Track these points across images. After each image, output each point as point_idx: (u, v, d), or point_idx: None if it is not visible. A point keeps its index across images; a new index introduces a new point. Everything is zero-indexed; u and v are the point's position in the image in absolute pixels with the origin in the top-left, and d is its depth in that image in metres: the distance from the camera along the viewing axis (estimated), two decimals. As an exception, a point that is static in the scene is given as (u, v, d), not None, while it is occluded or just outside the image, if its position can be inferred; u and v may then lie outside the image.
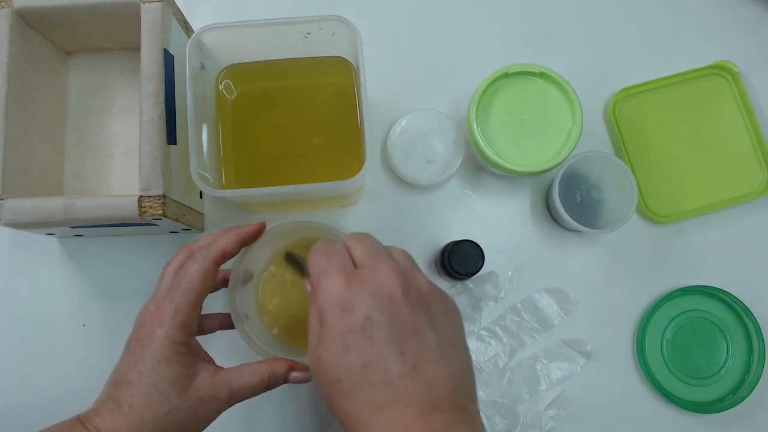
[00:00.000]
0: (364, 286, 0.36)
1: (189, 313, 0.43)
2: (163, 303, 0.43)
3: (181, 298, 0.43)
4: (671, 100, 0.64)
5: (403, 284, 0.36)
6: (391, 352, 0.34)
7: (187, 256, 0.45)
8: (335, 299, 0.36)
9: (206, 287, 0.44)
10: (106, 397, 0.42)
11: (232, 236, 0.46)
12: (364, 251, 0.39)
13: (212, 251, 0.45)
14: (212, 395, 0.43)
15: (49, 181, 0.58)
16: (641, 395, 0.60)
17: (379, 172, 0.63)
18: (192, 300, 0.43)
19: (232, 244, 0.46)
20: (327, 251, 0.39)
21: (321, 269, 0.38)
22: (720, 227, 0.63)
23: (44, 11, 0.53)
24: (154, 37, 0.51)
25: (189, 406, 0.42)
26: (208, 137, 0.54)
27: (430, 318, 0.36)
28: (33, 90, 0.55)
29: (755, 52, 0.66)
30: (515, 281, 0.61)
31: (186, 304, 0.43)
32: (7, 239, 0.61)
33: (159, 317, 0.42)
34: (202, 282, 0.43)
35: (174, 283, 0.44)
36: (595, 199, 0.61)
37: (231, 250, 0.46)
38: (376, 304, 0.35)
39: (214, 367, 0.44)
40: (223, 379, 0.43)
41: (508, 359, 0.59)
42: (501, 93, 0.58)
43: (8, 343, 0.60)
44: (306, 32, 0.53)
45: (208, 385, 0.43)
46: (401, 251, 0.40)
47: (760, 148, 0.63)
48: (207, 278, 0.44)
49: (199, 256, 0.44)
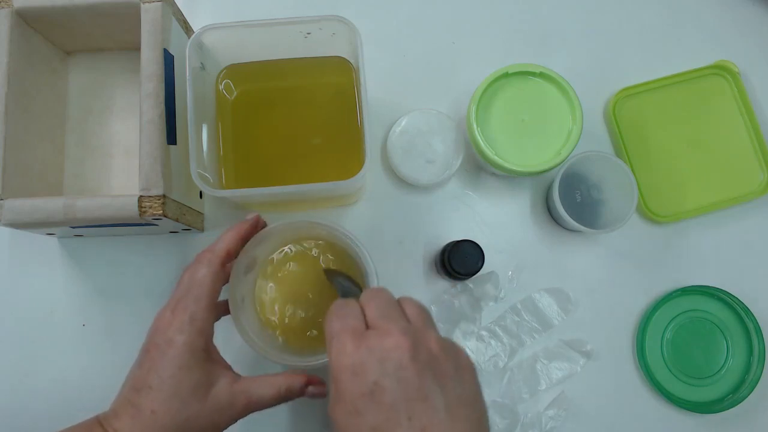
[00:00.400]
0: (374, 351, 0.36)
1: (205, 318, 0.44)
2: (178, 310, 0.44)
3: (195, 305, 0.44)
4: (671, 100, 0.64)
5: (412, 348, 0.36)
6: (399, 418, 0.35)
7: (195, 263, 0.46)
8: (346, 363, 0.36)
9: (217, 289, 0.45)
10: (126, 401, 0.43)
11: (234, 234, 0.47)
12: (376, 311, 0.39)
13: (216, 254, 0.46)
14: (230, 403, 0.43)
15: (49, 181, 0.58)
16: (641, 395, 0.60)
17: (379, 172, 0.63)
18: (206, 305, 0.44)
19: (234, 243, 0.47)
20: (341, 313, 0.39)
21: (334, 332, 0.38)
22: (720, 227, 0.63)
23: (44, 11, 0.53)
24: (154, 37, 0.51)
25: (207, 413, 0.43)
26: (208, 137, 0.54)
27: (440, 380, 0.36)
28: (33, 90, 0.55)
29: (755, 52, 0.66)
30: (515, 281, 0.61)
31: (200, 310, 0.44)
32: (7, 239, 0.61)
33: (177, 324, 0.43)
34: (212, 285, 0.45)
35: (187, 289, 0.44)
36: (595, 199, 0.61)
37: (234, 248, 0.47)
38: (384, 369, 0.35)
39: (233, 375, 0.45)
40: (241, 389, 0.44)
41: (508, 359, 0.59)
42: (501, 93, 0.58)
43: (8, 343, 0.60)
44: (306, 32, 0.53)
45: (226, 393, 0.43)
46: (415, 305, 0.40)
47: (760, 148, 0.63)
48: (216, 280, 0.45)
49: (205, 260, 0.45)
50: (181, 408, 0.42)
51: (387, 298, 0.40)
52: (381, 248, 0.61)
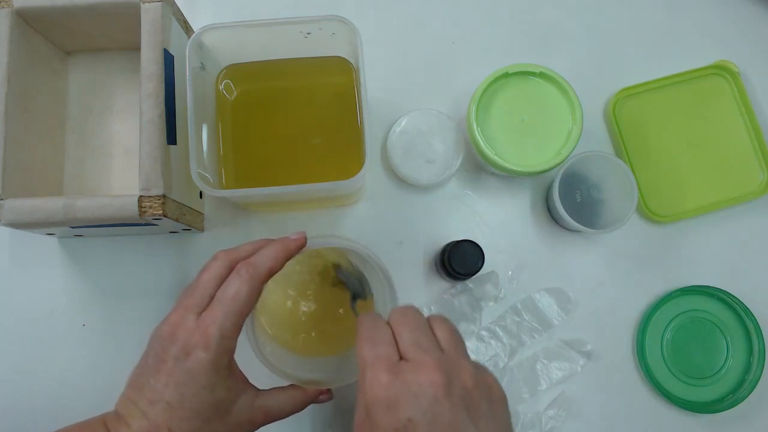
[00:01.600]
0: (409, 386, 0.35)
1: (233, 336, 0.41)
2: (205, 321, 0.40)
3: (228, 321, 0.40)
4: (671, 100, 0.64)
5: (447, 383, 0.36)
6: None
7: (228, 267, 0.43)
8: (380, 396, 0.36)
9: (249, 309, 0.42)
10: (138, 411, 0.41)
11: (279, 253, 0.43)
12: (409, 337, 0.38)
13: (261, 270, 0.42)
14: (249, 420, 0.43)
15: (49, 181, 0.58)
16: (641, 395, 0.60)
17: (379, 172, 0.63)
18: (237, 322, 0.41)
19: (279, 262, 0.43)
20: (373, 338, 0.38)
21: (368, 361, 0.37)
22: (720, 227, 0.63)
23: (44, 11, 0.53)
24: (154, 37, 0.51)
25: (226, 429, 0.42)
26: (208, 137, 0.54)
27: (474, 414, 0.36)
28: (33, 90, 0.55)
29: (755, 52, 0.66)
30: (515, 281, 0.61)
31: (232, 327, 0.41)
32: (7, 239, 0.61)
33: (202, 339, 0.40)
34: (248, 303, 0.41)
35: (217, 299, 0.41)
36: (595, 199, 0.61)
37: (278, 268, 0.43)
38: (419, 405, 0.35)
39: (253, 391, 0.44)
40: (261, 404, 0.44)
41: (508, 359, 0.59)
42: (501, 93, 0.58)
43: (8, 343, 0.60)
44: (306, 32, 0.53)
45: (247, 410, 0.43)
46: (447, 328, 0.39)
47: (760, 148, 0.63)
48: (253, 299, 0.42)
49: (247, 275, 0.41)
50: (201, 426, 0.40)
51: (418, 321, 0.39)
52: (381, 248, 0.61)
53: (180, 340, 0.40)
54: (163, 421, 0.40)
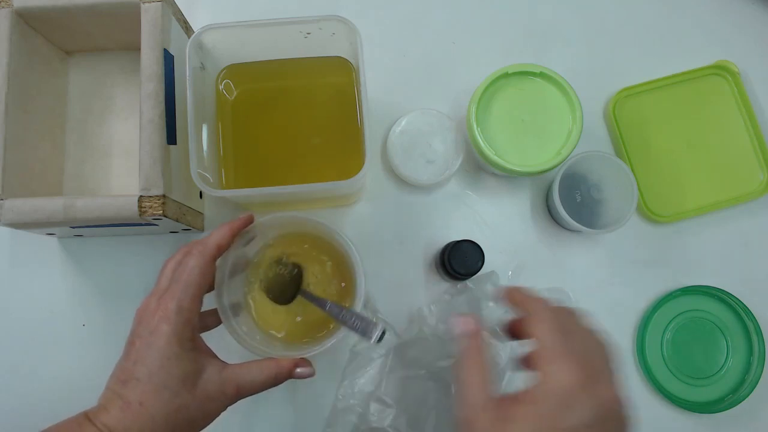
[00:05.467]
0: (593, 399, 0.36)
1: (192, 308, 0.44)
2: (165, 299, 0.43)
3: (183, 294, 0.43)
4: (671, 100, 0.64)
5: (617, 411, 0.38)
6: None
7: (185, 253, 0.46)
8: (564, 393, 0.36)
9: (206, 281, 0.45)
10: (113, 394, 0.42)
11: (226, 229, 0.48)
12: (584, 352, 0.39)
13: (208, 246, 0.46)
14: (220, 391, 0.43)
15: (49, 181, 0.58)
16: (641, 395, 0.60)
17: (379, 172, 0.63)
18: (194, 294, 0.44)
19: (225, 238, 0.47)
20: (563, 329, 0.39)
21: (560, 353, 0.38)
22: (720, 227, 0.63)
23: (44, 11, 0.53)
24: (154, 37, 0.51)
25: (198, 402, 0.42)
26: (208, 137, 0.54)
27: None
28: (33, 90, 0.55)
29: (755, 52, 0.66)
30: (515, 281, 0.61)
31: (188, 299, 0.43)
32: (7, 239, 0.61)
33: (163, 314, 0.43)
34: (202, 276, 0.44)
35: (173, 279, 0.44)
36: (595, 199, 0.61)
37: (225, 244, 0.47)
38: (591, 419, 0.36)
39: (221, 363, 0.45)
40: (230, 375, 0.44)
41: (508, 359, 0.59)
42: (501, 93, 0.58)
43: (8, 343, 0.60)
44: (306, 32, 0.53)
45: (215, 381, 0.43)
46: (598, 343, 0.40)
47: (760, 148, 0.63)
48: (206, 272, 0.45)
49: (196, 251, 0.45)
50: (171, 398, 0.41)
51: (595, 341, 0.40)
52: (381, 248, 0.61)
53: (144, 320, 0.43)
54: (135, 397, 0.41)
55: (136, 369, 0.42)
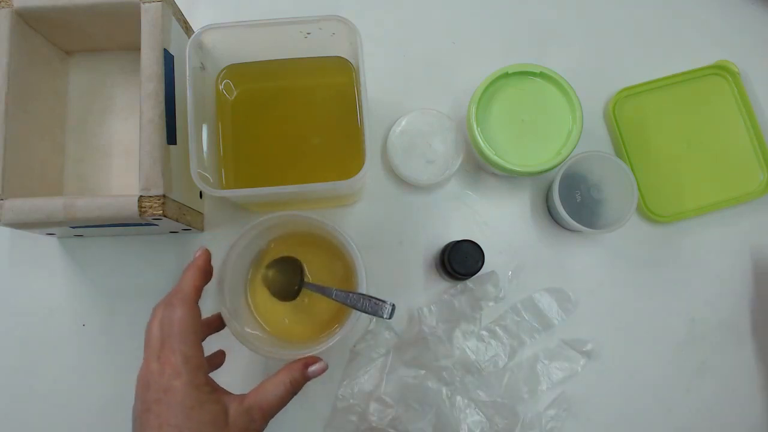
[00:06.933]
0: None
1: (197, 354, 0.43)
2: (165, 356, 0.42)
3: (183, 344, 0.42)
4: (671, 100, 0.64)
5: None
6: None
7: (165, 307, 0.44)
8: None
9: (198, 326, 0.44)
10: None
11: (194, 270, 0.47)
12: None
13: (186, 292, 0.45)
14: (249, 420, 0.43)
15: (49, 181, 0.58)
16: (641, 395, 0.60)
17: (379, 172, 0.63)
18: (193, 341, 0.43)
19: (196, 278, 0.46)
20: None
21: None
22: (720, 227, 0.63)
23: (44, 11, 0.53)
24: (154, 37, 0.51)
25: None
26: (208, 137, 0.54)
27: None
28: (33, 90, 0.55)
29: (755, 52, 0.66)
30: (515, 281, 0.61)
31: (190, 347, 0.42)
32: (7, 239, 0.61)
33: (171, 370, 0.41)
34: (193, 321, 0.43)
35: (165, 336, 0.43)
36: (595, 199, 0.61)
37: (201, 284, 0.46)
38: None
39: (239, 396, 0.44)
40: (251, 403, 0.44)
41: (508, 359, 0.59)
42: (501, 93, 0.58)
43: (8, 343, 0.60)
44: (306, 32, 0.53)
45: (242, 413, 0.43)
46: None
47: (760, 148, 0.63)
48: (195, 318, 0.44)
49: (177, 301, 0.44)
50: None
51: None
52: (381, 248, 0.61)
53: (153, 384, 0.41)
54: None
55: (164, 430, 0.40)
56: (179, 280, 0.46)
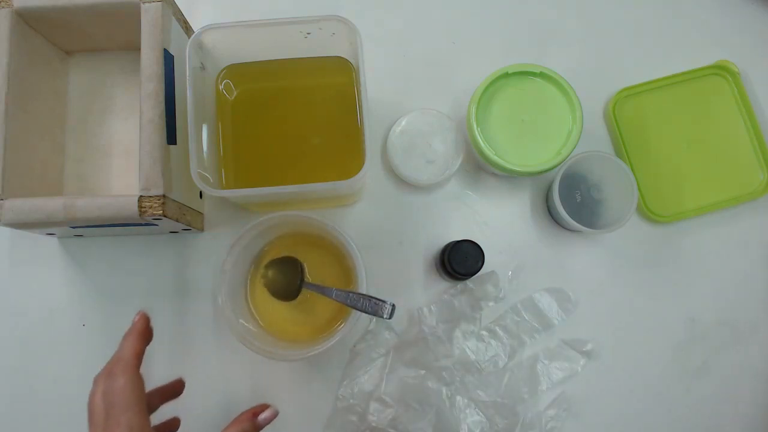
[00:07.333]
0: None
1: (143, 423, 0.42)
2: (111, 430, 0.41)
3: (127, 415, 0.41)
4: (671, 100, 0.64)
5: None
6: None
7: (107, 377, 0.44)
8: None
9: (142, 394, 0.43)
10: None
11: (134, 337, 0.46)
12: None
13: (127, 359, 0.44)
14: None
15: (49, 181, 0.58)
16: (641, 395, 0.60)
17: (379, 172, 0.63)
18: (138, 410, 0.42)
19: (137, 344, 0.46)
20: None
21: None
22: (720, 227, 0.63)
23: (44, 11, 0.53)
24: (154, 37, 0.51)
25: None
26: (208, 137, 0.54)
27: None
28: (33, 90, 0.55)
29: (755, 52, 0.66)
30: (515, 281, 0.61)
31: (135, 416, 0.41)
32: (7, 239, 0.61)
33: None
34: (136, 390, 0.43)
35: (108, 406, 0.42)
36: (595, 199, 0.61)
37: (141, 349, 0.46)
38: None
39: None
40: None
41: (508, 359, 0.59)
42: (501, 93, 0.58)
43: (8, 343, 0.60)
44: (306, 32, 0.53)
45: None
46: None
47: (760, 148, 0.63)
48: (138, 385, 0.43)
49: (118, 370, 0.43)
50: None
51: None
52: (381, 248, 0.61)
53: None
54: None
55: None
56: (119, 347, 0.45)
